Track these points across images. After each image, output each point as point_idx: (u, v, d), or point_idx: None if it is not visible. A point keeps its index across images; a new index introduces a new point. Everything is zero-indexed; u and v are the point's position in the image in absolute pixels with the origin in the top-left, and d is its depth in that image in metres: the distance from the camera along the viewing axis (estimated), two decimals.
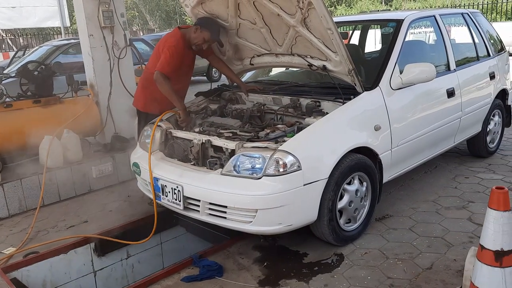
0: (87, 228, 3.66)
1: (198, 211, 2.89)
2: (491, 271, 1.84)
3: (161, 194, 3.10)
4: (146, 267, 3.22)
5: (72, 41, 8.82)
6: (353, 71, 3.07)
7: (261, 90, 3.73)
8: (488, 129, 4.56)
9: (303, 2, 2.87)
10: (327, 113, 3.07)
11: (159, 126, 3.48)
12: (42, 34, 20.91)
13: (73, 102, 4.80)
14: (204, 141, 3.10)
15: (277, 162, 2.66)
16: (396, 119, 3.28)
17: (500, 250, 1.81)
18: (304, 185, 2.70)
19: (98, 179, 4.51)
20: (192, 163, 3.14)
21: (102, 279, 3.26)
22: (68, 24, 17.12)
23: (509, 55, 5.27)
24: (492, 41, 4.75)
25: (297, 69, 4.01)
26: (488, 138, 4.62)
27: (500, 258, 1.82)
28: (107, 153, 4.67)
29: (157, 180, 3.11)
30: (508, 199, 1.83)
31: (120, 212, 3.92)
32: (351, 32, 5.32)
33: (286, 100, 3.46)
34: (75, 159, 4.46)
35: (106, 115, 4.89)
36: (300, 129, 2.98)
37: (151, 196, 3.26)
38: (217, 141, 3.04)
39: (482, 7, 18.18)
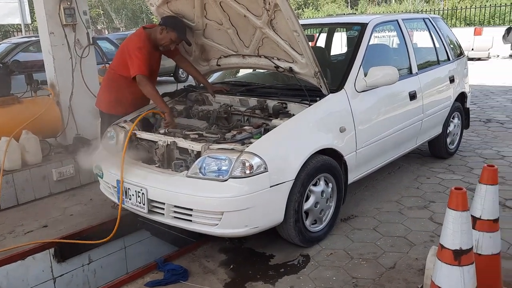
0: (47, 233, 3.53)
1: (163, 214, 2.83)
2: (450, 269, 1.89)
3: (124, 197, 3.02)
4: (109, 273, 3.13)
5: (33, 38, 8.52)
6: (319, 73, 3.10)
7: (228, 91, 3.71)
8: (448, 131, 4.71)
9: (269, 4, 2.87)
10: (293, 115, 3.09)
11: (122, 127, 3.40)
12: (1, 31, 20.09)
13: (32, 102, 4.62)
14: (169, 143, 3.05)
15: (244, 164, 2.65)
16: (360, 121, 3.33)
17: (459, 249, 1.86)
18: (271, 186, 2.69)
19: (59, 182, 4.36)
20: (157, 165, 3.08)
21: (62, 286, 3.15)
22: (29, 21, 16.53)
23: (468, 60, 5.48)
24: (451, 46, 4.91)
25: (264, 70, 4.02)
26: (448, 140, 4.77)
27: (458, 257, 1.87)
28: (69, 155, 4.52)
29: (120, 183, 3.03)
30: (466, 200, 1.88)
31: (82, 216, 3.80)
32: (317, 34, 5.37)
33: (253, 101, 3.46)
34: (34, 161, 4.30)
35: (67, 116, 4.73)
36: (266, 130, 2.98)
37: (114, 199, 3.18)
38: (182, 143, 2.99)
39: (443, 13, 18.84)
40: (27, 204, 4.14)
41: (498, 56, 15.12)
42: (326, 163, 3.05)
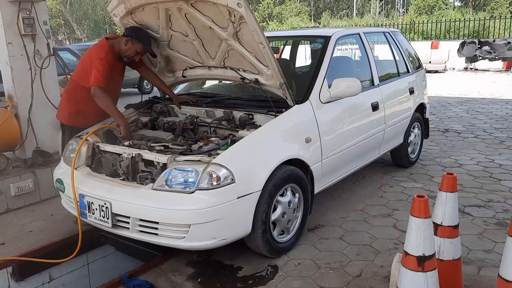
0: (4, 251, 3.36)
1: (128, 228, 2.76)
2: (414, 275, 1.94)
3: (87, 211, 2.93)
4: None
5: None
6: (284, 84, 3.14)
7: (194, 103, 3.69)
8: (409, 141, 4.86)
9: (234, 16, 2.89)
10: (260, 126, 3.10)
11: (86, 140, 3.31)
12: None
13: None
14: (134, 155, 2.99)
15: (211, 175, 2.63)
16: (325, 131, 3.39)
17: (422, 255, 1.91)
18: (238, 198, 2.68)
19: (17, 197, 4.18)
20: (121, 178, 3.01)
21: None
22: None
23: (426, 72, 5.69)
24: (411, 59, 5.09)
25: (230, 82, 4.03)
26: (409, 149, 4.93)
27: (422, 263, 1.92)
28: (28, 169, 4.35)
29: (83, 197, 2.94)
30: (428, 207, 1.94)
31: (42, 232, 3.65)
32: (282, 47, 5.45)
33: (219, 112, 3.45)
34: None
35: (26, 128, 4.56)
36: (233, 142, 2.98)
37: (76, 213, 3.07)
38: (148, 155, 2.95)
39: (402, 27, 19.58)
40: None
41: (454, 68, 15.83)
42: (293, 173, 3.07)
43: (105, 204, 2.80)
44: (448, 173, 2.33)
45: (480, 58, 14.91)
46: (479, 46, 14.79)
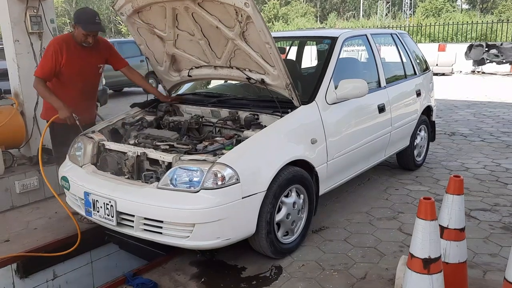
0: (9, 247, 3.37)
1: (132, 226, 2.76)
2: (420, 278, 1.92)
3: (92, 209, 2.93)
4: None
5: None
6: (290, 85, 3.13)
7: (182, 102, 3.75)
8: (415, 143, 4.83)
9: (241, 16, 2.89)
10: (265, 126, 3.10)
11: (91, 138, 3.31)
12: None
13: None
14: (139, 154, 2.99)
15: (215, 175, 2.62)
16: (331, 133, 3.37)
17: (428, 257, 1.90)
18: (243, 198, 2.68)
19: (22, 195, 4.19)
20: (126, 176, 3.01)
21: None
22: None
23: (433, 74, 5.66)
24: (418, 61, 5.07)
25: (236, 82, 4.02)
26: (416, 152, 4.90)
27: (428, 265, 1.90)
28: (33, 167, 4.37)
29: (88, 195, 2.94)
30: (434, 209, 1.93)
31: (46, 229, 3.66)
32: (288, 47, 5.44)
33: (224, 112, 3.45)
34: None
35: (32, 126, 4.58)
36: (238, 142, 2.97)
37: (81, 211, 3.08)
38: (153, 154, 2.95)
39: (409, 29, 19.52)
40: None
41: (461, 71, 15.75)
42: (298, 174, 3.06)
43: (110, 202, 2.80)
44: (455, 176, 2.31)
45: (488, 61, 14.84)
46: (486, 49, 14.72)
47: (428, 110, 5.03)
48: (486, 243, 3.20)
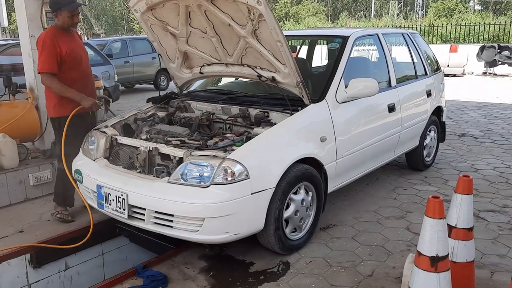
0: (22, 238, 3.44)
1: (143, 219, 2.81)
2: (427, 276, 1.94)
3: (104, 202, 2.99)
4: (86, 279, 3.10)
5: (10, 41, 8.36)
6: (301, 83, 3.15)
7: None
8: (425, 144, 4.83)
9: (254, 14, 2.92)
10: (275, 124, 3.13)
11: (104, 132, 3.37)
12: None
13: (10, 105, 4.53)
14: (151, 149, 3.04)
15: (225, 170, 2.66)
16: (341, 131, 3.39)
17: (435, 255, 1.92)
18: (252, 194, 2.71)
19: (36, 187, 4.28)
20: (138, 171, 3.06)
21: None
22: (6, 24, 16.25)
23: (444, 75, 5.65)
24: (429, 61, 5.06)
25: (247, 79, 4.06)
26: (425, 152, 4.89)
27: (435, 263, 1.92)
28: (46, 160, 4.45)
29: (101, 188, 3.00)
30: (443, 208, 1.95)
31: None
32: (299, 46, 5.46)
33: (235, 109, 3.49)
34: (10, 165, 4.21)
35: (46, 120, 4.65)
36: (248, 138, 3.01)
37: (94, 204, 3.14)
38: (164, 149, 2.99)
39: (420, 30, 19.39)
40: (2, 209, 4.04)
41: (472, 73, 15.61)
42: (307, 172, 3.09)
43: (121, 195, 2.85)
44: (464, 175, 2.33)
45: (500, 63, 14.68)
46: (498, 50, 14.56)
47: (438, 111, 5.02)
48: (495, 244, 3.20)
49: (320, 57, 7.69)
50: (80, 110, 3.51)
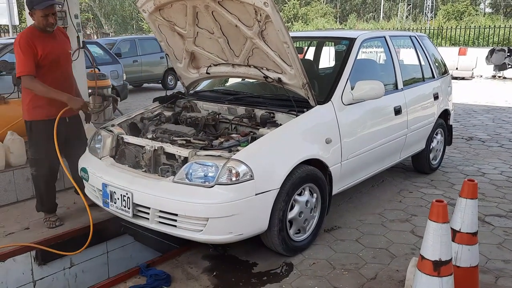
0: (28, 235, 3.48)
1: (148, 218, 2.83)
2: (429, 280, 1.93)
3: (109, 200, 3.01)
4: (90, 277, 3.10)
5: None
6: (307, 85, 3.15)
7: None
8: (431, 147, 4.80)
9: (260, 15, 2.92)
10: (280, 125, 3.13)
11: (110, 131, 3.40)
12: None
13: (19, 103, 4.56)
14: (156, 148, 3.06)
15: (230, 171, 2.67)
16: (346, 133, 3.39)
17: (438, 260, 1.91)
18: (256, 194, 2.72)
19: None
20: (143, 170, 3.08)
21: None
22: (17, 23, 16.39)
23: (452, 79, 5.61)
24: (436, 64, 5.03)
25: (253, 80, 4.06)
26: (431, 155, 4.87)
27: (438, 267, 1.91)
28: None
29: (106, 186, 3.02)
30: (446, 212, 1.94)
31: (65, 219, 3.76)
32: (306, 47, 5.46)
33: (241, 110, 3.49)
34: (18, 162, 4.25)
35: None
36: (254, 139, 3.01)
37: (99, 202, 3.16)
38: (170, 148, 3.01)
39: (429, 32, 19.28)
40: (9, 205, 4.09)
41: (481, 76, 15.50)
42: (312, 173, 3.09)
43: (126, 194, 2.87)
44: (469, 180, 2.31)
45: (509, 66, 14.55)
46: (508, 54, 14.43)
47: (445, 114, 4.99)
48: (500, 249, 3.18)
49: (328, 59, 7.69)
50: (67, 112, 3.38)
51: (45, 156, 3.42)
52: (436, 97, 4.70)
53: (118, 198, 2.94)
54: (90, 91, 4.70)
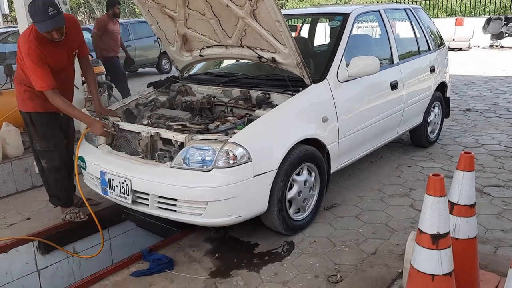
0: (30, 225, 3.50)
1: (148, 204, 2.84)
2: (428, 253, 1.94)
3: (108, 188, 3.01)
4: (93, 264, 3.14)
5: (12, 29, 8.34)
6: (301, 63, 3.12)
7: (117, 116, 3.44)
8: (428, 120, 4.79)
9: None
10: (276, 105, 3.11)
11: (105, 118, 3.38)
12: None
13: (12, 93, 4.52)
14: (152, 134, 3.04)
15: (227, 154, 2.66)
16: (343, 111, 3.37)
17: (436, 233, 1.92)
18: (254, 176, 2.72)
19: None
20: (140, 156, 3.07)
21: (46, 278, 3.15)
22: (7, 11, 16.17)
23: (449, 50, 5.56)
24: (432, 36, 4.98)
25: (247, 61, 4.02)
26: (429, 129, 4.86)
27: (436, 241, 1.92)
28: None
29: (104, 174, 3.02)
30: (443, 185, 1.93)
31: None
32: (300, 25, 5.39)
33: (236, 92, 3.47)
34: (15, 153, 4.25)
35: None
36: (250, 121, 3.00)
37: (98, 190, 3.17)
38: (166, 134, 3.00)
39: (425, 4, 19.00)
40: (9, 197, 4.10)
41: (478, 46, 15.36)
42: (309, 152, 3.08)
43: (125, 181, 2.87)
44: (466, 152, 2.30)
45: (507, 35, 14.40)
46: (505, 22, 14.26)
47: (442, 86, 4.96)
48: (499, 219, 3.20)
49: (324, 36, 7.59)
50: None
51: (55, 147, 3.28)
52: (432, 70, 4.66)
53: (116, 186, 2.94)
54: (83, 78, 4.64)
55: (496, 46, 14.93)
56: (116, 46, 7.00)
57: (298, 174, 3.05)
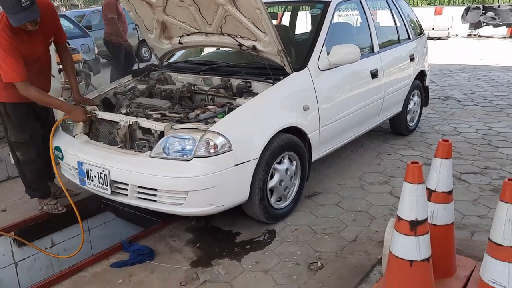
0: (6, 217, 3.42)
1: (127, 195, 2.80)
2: (406, 239, 1.97)
3: (86, 179, 2.96)
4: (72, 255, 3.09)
5: None
6: (282, 51, 3.10)
7: (95, 105, 3.35)
8: (408, 109, 4.84)
9: None
10: (257, 94, 3.09)
11: (83, 107, 3.30)
12: None
13: None
14: (131, 123, 2.99)
15: (208, 143, 2.64)
16: (323, 99, 3.37)
17: (414, 220, 1.94)
18: (235, 165, 2.70)
19: None
20: (119, 146, 3.02)
21: (24, 270, 3.09)
22: None
23: (428, 39, 5.60)
24: (412, 25, 5.01)
25: (228, 49, 3.98)
26: (408, 117, 4.92)
27: (414, 227, 1.95)
28: None
29: (82, 164, 2.96)
30: (421, 173, 1.96)
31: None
32: (282, 13, 5.35)
33: (217, 80, 3.43)
34: None
35: None
36: (230, 109, 2.98)
37: (76, 180, 3.11)
38: (145, 123, 2.95)
39: None
40: None
41: (457, 35, 15.57)
42: (290, 141, 3.08)
43: (103, 171, 2.82)
44: (444, 140, 2.33)
45: (484, 24, 14.64)
46: (483, 11, 14.49)
47: (421, 75, 5.01)
48: (475, 205, 3.27)
49: (305, 24, 7.56)
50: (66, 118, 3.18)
51: (30, 138, 3.19)
52: (412, 58, 4.70)
53: (95, 176, 2.89)
54: (60, 67, 4.53)
55: (474, 35, 15.17)
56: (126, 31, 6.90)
57: (279, 163, 3.05)
